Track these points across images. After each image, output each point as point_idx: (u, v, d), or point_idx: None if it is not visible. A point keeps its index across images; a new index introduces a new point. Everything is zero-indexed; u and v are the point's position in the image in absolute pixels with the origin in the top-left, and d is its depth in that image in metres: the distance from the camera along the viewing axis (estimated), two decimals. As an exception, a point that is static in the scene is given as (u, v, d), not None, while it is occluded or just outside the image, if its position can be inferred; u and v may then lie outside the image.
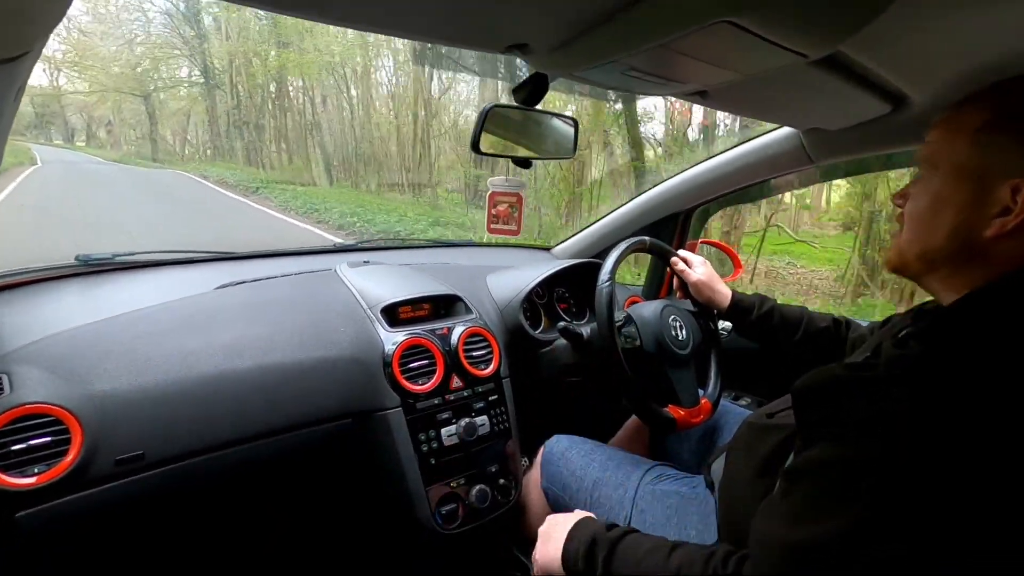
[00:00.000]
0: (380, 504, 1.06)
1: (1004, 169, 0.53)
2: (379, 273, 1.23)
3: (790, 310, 1.07)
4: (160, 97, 17.42)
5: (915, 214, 0.61)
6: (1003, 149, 0.54)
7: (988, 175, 0.54)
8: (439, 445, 1.01)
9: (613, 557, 0.67)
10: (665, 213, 1.51)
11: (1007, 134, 0.54)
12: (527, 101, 0.79)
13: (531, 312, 1.37)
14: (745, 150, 1.30)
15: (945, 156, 0.58)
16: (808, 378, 0.58)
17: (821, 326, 1.03)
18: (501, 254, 1.76)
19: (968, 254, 0.56)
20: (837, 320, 1.04)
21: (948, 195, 0.57)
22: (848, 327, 1.02)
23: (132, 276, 1.15)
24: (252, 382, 0.89)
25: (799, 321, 1.05)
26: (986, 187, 0.54)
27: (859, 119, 0.97)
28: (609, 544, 0.68)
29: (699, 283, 1.11)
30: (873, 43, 0.66)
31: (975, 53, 0.67)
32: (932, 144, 0.60)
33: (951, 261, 0.58)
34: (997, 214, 0.53)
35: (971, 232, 0.55)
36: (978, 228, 0.55)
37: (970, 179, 0.56)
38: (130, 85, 16.66)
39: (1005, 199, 0.53)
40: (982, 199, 0.55)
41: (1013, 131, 0.54)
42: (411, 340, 1.03)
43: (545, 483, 1.07)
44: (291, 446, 0.92)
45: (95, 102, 18.10)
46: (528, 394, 1.23)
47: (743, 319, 1.09)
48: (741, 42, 0.55)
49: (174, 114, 17.70)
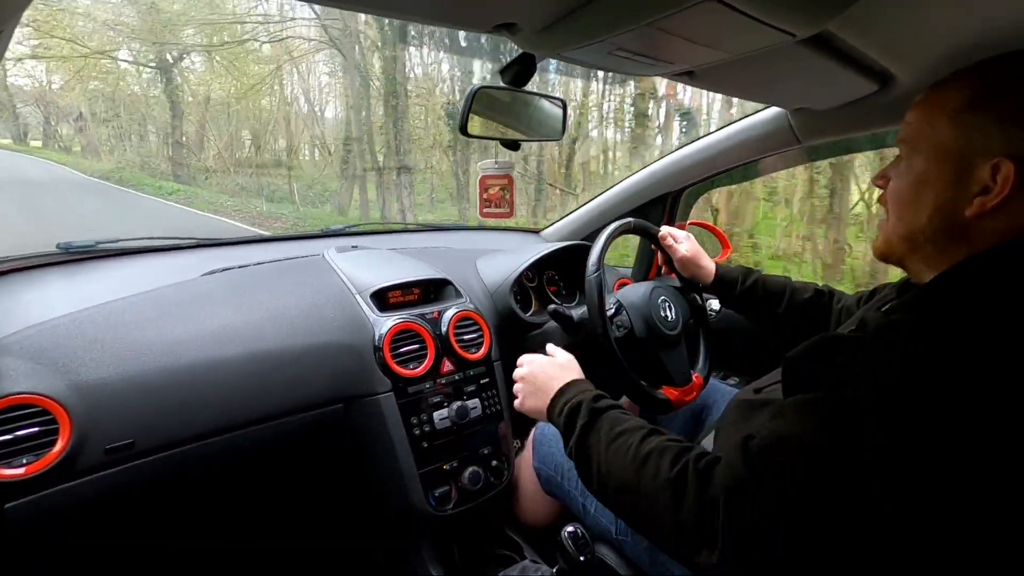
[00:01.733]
0: (373, 488, 1.07)
1: (984, 148, 0.54)
2: (368, 258, 1.22)
3: (774, 281, 1.08)
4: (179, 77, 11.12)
5: (898, 195, 0.62)
6: (982, 128, 0.54)
7: (968, 155, 0.55)
8: (431, 428, 1.02)
9: (591, 427, 0.68)
10: (654, 195, 1.51)
11: (986, 113, 0.54)
12: (515, 82, 0.78)
13: (521, 295, 1.37)
14: (733, 131, 1.30)
15: (926, 137, 0.58)
16: (798, 348, 0.59)
17: (805, 297, 1.04)
18: (491, 237, 1.76)
19: (950, 233, 0.57)
20: (820, 291, 1.04)
21: (930, 175, 0.58)
22: (832, 296, 1.03)
23: (116, 263, 1.13)
24: (241, 369, 0.89)
25: (782, 292, 1.05)
26: (967, 167, 0.55)
27: (846, 99, 0.97)
28: (590, 413, 0.70)
29: (684, 259, 1.11)
30: (859, 22, 0.66)
31: (958, 32, 0.67)
32: (912, 125, 0.61)
33: (933, 240, 0.58)
34: (977, 193, 0.54)
35: (953, 212, 0.56)
36: (959, 207, 0.55)
37: (951, 159, 0.56)
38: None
39: (985, 178, 0.53)
40: (963, 179, 0.55)
41: (992, 110, 0.54)
42: (401, 324, 1.03)
43: (537, 463, 1.08)
44: (282, 432, 0.92)
45: (60, 88, 12.81)
46: None
47: (728, 292, 1.10)
48: (728, 20, 0.55)
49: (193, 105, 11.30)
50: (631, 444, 0.63)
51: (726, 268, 1.11)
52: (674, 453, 0.59)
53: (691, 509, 0.54)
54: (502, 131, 1.10)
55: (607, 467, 0.65)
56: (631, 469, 0.61)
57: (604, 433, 0.67)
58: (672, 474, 0.57)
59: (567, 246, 1.39)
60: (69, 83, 11.89)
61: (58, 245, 1.10)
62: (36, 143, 16.06)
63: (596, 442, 0.67)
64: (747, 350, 1.42)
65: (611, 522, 0.90)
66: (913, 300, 0.59)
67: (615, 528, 0.89)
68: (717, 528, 0.52)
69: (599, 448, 0.66)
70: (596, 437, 0.67)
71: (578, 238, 1.62)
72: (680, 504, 0.55)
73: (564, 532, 0.86)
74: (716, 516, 0.52)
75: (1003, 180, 0.52)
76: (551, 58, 0.74)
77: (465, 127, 1.00)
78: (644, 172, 1.51)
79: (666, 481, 0.57)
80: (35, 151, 14.86)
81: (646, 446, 0.62)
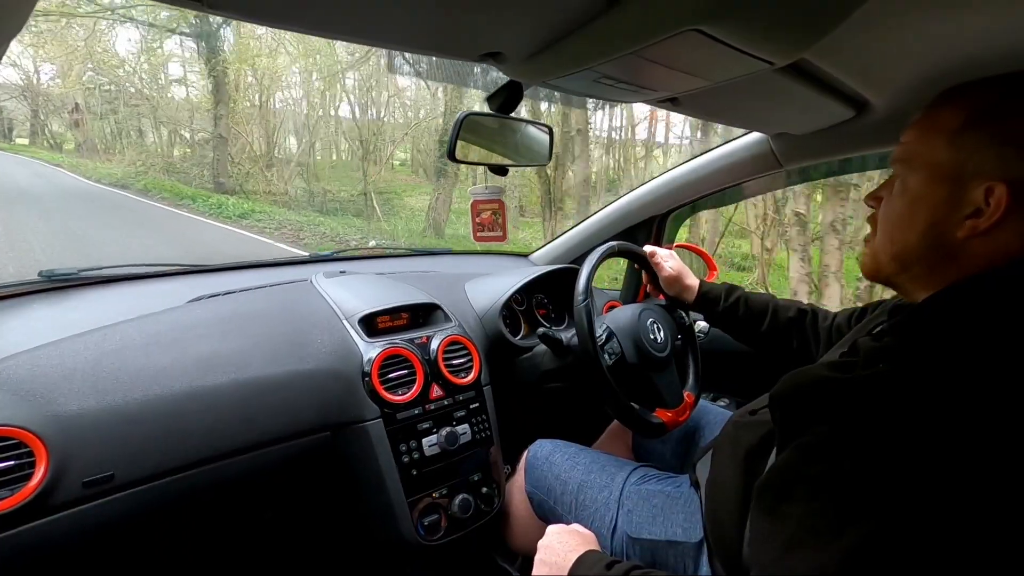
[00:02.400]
0: (361, 517, 1.04)
1: (978, 170, 0.54)
2: (356, 283, 1.22)
3: (756, 299, 1.08)
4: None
5: (890, 214, 0.62)
6: (978, 150, 0.54)
7: (963, 176, 0.55)
8: (420, 455, 1.00)
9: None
10: (640, 218, 1.53)
11: (982, 135, 0.54)
12: (502, 109, 0.79)
13: (510, 319, 1.37)
14: (717, 155, 1.32)
15: (921, 156, 0.58)
16: (785, 383, 0.58)
17: (788, 316, 1.04)
18: (479, 261, 1.76)
19: (940, 254, 0.57)
20: (803, 310, 1.05)
21: (923, 195, 0.58)
22: (816, 316, 1.03)
23: (99, 291, 1.11)
24: (227, 397, 0.87)
25: (765, 310, 1.06)
26: (960, 188, 0.55)
27: (824, 124, 1.00)
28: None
29: (670, 277, 1.12)
30: (835, 51, 0.68)
31: (928, 60, 0.70)
32: (908, 144, 0.61)
33: (923, 261, 0.58)
34: (970, 215, 0.54)
35: (944, 232, 0.56)
36: (951, 229, 0.55)
37: (945, 179, 0.56)
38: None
39: (978, 200, 0.53)
40: (956, 200, 0.55)
41: (988, 131, 0.54)
42: (390, 350, 1.02)
43: (529, 487, 1.07)
44: (268, 461, 0.90)
45: (53, 78, 10.45)
46: (509, 401, 1.22)
47: (711, 310, 1.10)
48: (710, 50, 0.56)
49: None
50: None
51: (710, 286, 1.12)
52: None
53: None
54: (490, 156, 1.12)
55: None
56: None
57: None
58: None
59: (556, 269, 1.40)
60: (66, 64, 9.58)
61: (40, 273, 1.09)
62: (22, 140, 14.20)
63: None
64: (736, 372, 1.43)
65: (606, 546, 0.88)
66: (904, 323, 0.59)
67: (609, 552, 0.88)
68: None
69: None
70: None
71: (566, 261, 1.63)
72: None
73: None
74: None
75: (996, 203, 0.52)
76: (538, 85, 0.75)
77: (453, 152, 1.01)
78: (631, 195, 1.53)
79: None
80: (20, 150, 12.99)
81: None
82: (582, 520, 0.93)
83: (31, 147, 13.63)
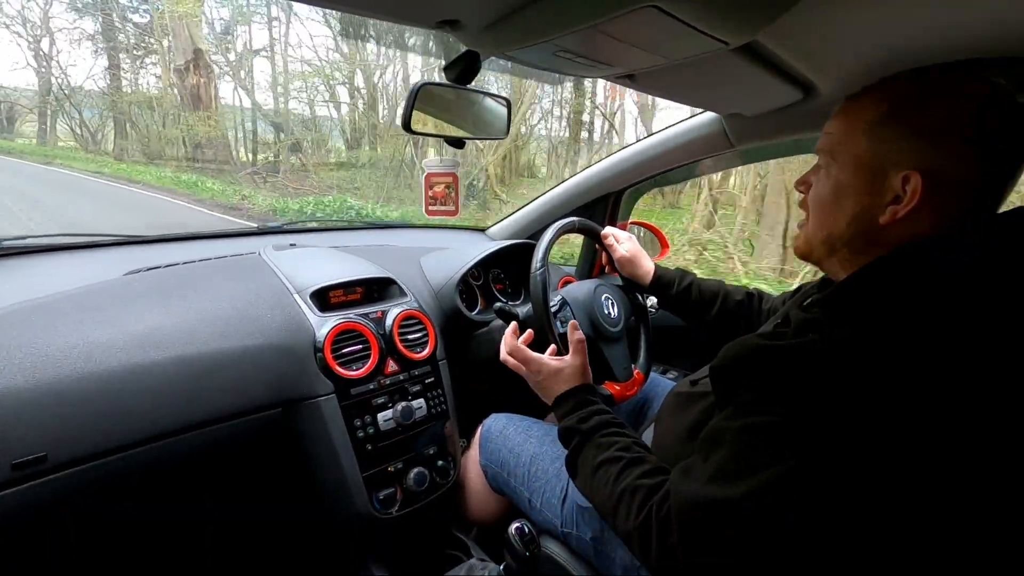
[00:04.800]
0: (316, 493, 1.03)
1: (896, 160, 0.57)
2: (307, 256, 1.18)
3: (707, 285, 1.12)
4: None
5: (818, 201, 0.66)
6: (894, 141, 0.58)
7: (883, 165, 0.58)
8: (375, 430, 1.00)
9: (579, 452, 0.76)
10: (597, 194, 1.54)
11: (898, 127, 0.58)
12: (459, 80, 0.77)
13: (467, 294, 1.37)
14: (671, 133, 1.34)
15: (844, 147, 0.62)
16: (724, 354, 0.62)
17: (736, 300, 1.09)
18: (435, 236, 1.74)
19: (865, 238, 0.61)
20: (750, 294, 1.10)
21: (848, 184, 0.62)
22: (760, 299, 1.09)
23: (24, 263, 1.04)
24: (171, 374, 0.84)
25: (715, 296, 1.10)
26: (881, 177, 0.59)
27: (773, 105, 1.03)
28: (580, 435, 0.77)
29: (623, 259, 1.14)
30: (786, 34, 0.70)
31: (874, 48, 0.72)
32: (831, 135, 0.64)
33: (850, 244, 0.63)
34: (890, 202, 0.58)
35: (869, 218, 0.60)
36: (875, 215, 0.59)
37: (867, 169, 0.60)
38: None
39: (897, 188, 0.57)
40: (878, 188, 0.59)
41: (903, 124, 0.58)
42: (343, 325, 1.00)
43: (484, 461, 1.08)
44: (217, 439, 0.88)
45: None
46: (465, 375, 1.23)
47: (664, 293, 1.14)
48: (666, 27, 0.57)
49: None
50: (609, 479, 0.69)
51: (664, 270, 1.14)
52: (642, 497, 0.64)
53: (657, 550, 0.61)
54: (446, 128, 1.09)
55: (590, 493, 0.73)
56: (608, 505, 0.68)
57: (589, 460, 0.73)
58: (638, 521, 0.63)
59: (513, 244, 1.40)
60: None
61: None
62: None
63: (582, 465, 0.74)
64: (685, 345, 1.48)
65: (556, 516, 0.91)
66: (829, 297, 0.63)
67: (560, 522, 0.90)
68: (679, 561, 0.58)
69: (586, 473, 0.73)
70: (582, 462, 0.74)
71: (524, 236, 1.63)
72: (648, 547, 0.62)
73: (511, 529, 0.87)
74: (675, 555, 0.59)
75: (912, 191, 0.56)
76: (496, 57, 0.74)
77: (408, 123, 0.98)
78: (588, 172, 1.54)
79: (634, 528, 0.63)
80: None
81: (620, 483, 0.67)
82: (535, 491, 0.96)
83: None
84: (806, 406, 0.52)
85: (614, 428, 0.76)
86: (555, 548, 0.91)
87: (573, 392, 0.84)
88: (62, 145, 13.52)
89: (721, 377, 0.62)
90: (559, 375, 0.86)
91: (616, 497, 0.67)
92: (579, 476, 0.75)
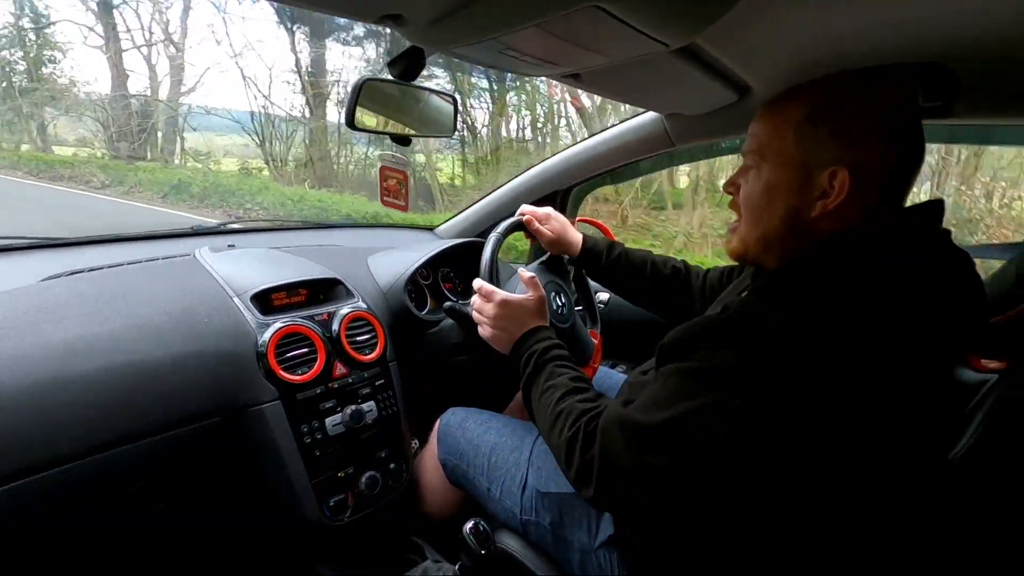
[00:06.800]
0: (264, 502, 1.00)
1: (822, 158, 0.62)
2: (247, 258, 1.13)
3: (636, 254, 1.14)
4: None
5: (751, 201, 0.70)
6: (820, 140, 0.63)
7: (809, 163, 0.63)
8: (324, 436, 0.97)
9: (533, 378, 0.82)
10: (544, 192, 1.55)
11: (822, 127, 0.63)
12: (403, 76, 0.76)
13: (416, 293, 1.35)
14: (615, 133, 1.37)
15: (772, 148, 0.67)
16: (670, 335, 0.66)
17: (665, 271, 1.11)
18: (382, 235, 1.71)
19: (797, 233, 0.66)
20: (677, 267, 1.12)
21: (779, 183, 0.66)
22: (689, 273, 1.12)
23: None
24: (100, 386, 0.78)
25: (644, 265, 1.12)
26: (809, 174, 0.63)
27: (712, 106, 1.07)
28: (535, 364, 0.83)
29: (551, 241, 1.12)
30: (723, 38, 0.73)
31: (806, 51, 0.76)
32: (758, 137, 0.69)
33: (784, 240, 0.67)
34: (819, 197, 0.63)
35: (800, 214, 0.65)
36: (805, 210, 0.64)
37: (795, 168, 0.64)
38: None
39: (824, 184, 0.62)
40: (807, 185, 0.64)
41: (827, 124, 0.62)
42: (288, 328, 0.97)
43: (443, 455, 1.08)
44: (154, 452, 0.83)
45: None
46: (416, 376, 1.21)
47: (594, 264, 1.14)
48: (608, 27, 0.58)
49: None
50: (552, 401, 0.76)
51: (593, 241, 1.14)
52: (575, 416, 0.71)
53: (577, 462, 0.68)
54: (392, 126, 1.08)
55: (536, 415, 0.80)
56: (548, 423, 0.75)
57: (540, 385, 0.80)
58: (568, 435, 0.70)
59: (462, 243, 1.39)
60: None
61: None
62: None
63: (534, 392, 0.81)
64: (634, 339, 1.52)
65: (516, 504, 0.92)
66: (763, 284, 0.68)
67: (520, 509, 0.91)
68: (593, 476, 0.66)
69: (535, 396, 0.80)
70: (535, 388, 0.81)
71: (473, 234, 1.63)
72: (571, 460, 0.69)
73: (465, 528, 0.87)
74: (592, 469, 0.66)
75: (839, 186, 0.61)
76: (441, 53, 0.73)
77: (352, 120, 0.96)
78: (535, 170, 1.55)
79: (564, 440, 0.71)
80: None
81: (560, 405, 0.74)
82: (494, 480, 0.96)
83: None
84: (724, 355, 0.58)
85: (569, 364, 0.83)
86: (511, 542, 0.91)
87: (537, 329, 0.88)
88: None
89: (664, 353, 0.66)
90: (523, 307, 0.89)
91: (554, 415, 0.74)
92: (530, 400, 0.82)
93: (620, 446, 0.63)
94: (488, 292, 0.91)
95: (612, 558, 0.81)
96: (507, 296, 0.90)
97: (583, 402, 0.73)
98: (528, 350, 0.85)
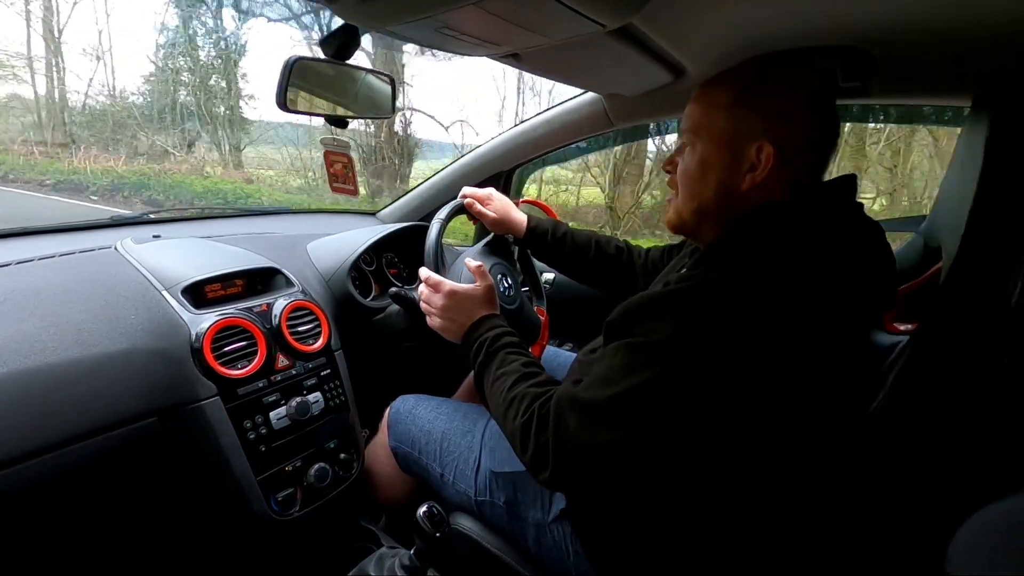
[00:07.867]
0: (208, 502, 0.96)
1: (750, 134, 0.68)
2: (175, 248, 1.07)
3: (580, 235, 1.17)
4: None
5: (687, 176, 0.74)
6: (747, 119, 0.68)
7: (739, 139, 0.68)
8: (268, 430, 0.94)
9: (485, 366, 0.82)
10: (488, 174, 1.55)
11: (749, 106, 0.68)
12: (337, 55, 0.73)
13: (360, 280, 1.32)
14: (557, 113, 1.38)
15: (705, 127, 0.72)
16: (616, 310, 0.69)
17: (609, 251, 1.15)
18: (322, 221, 1.65)
19: (729, 204, 0.71)
20: (620, 247, 1.16)
21: (712, 158, 0.71)
22: (631, 252, 1.16)
23: None
24: (13, 391, 0.72)
25: (588, 245, 1.15)
26: (739, 149, 0.69)
27: (648, 87, 1.09)
28: (487, 353, 0.83)
29: (495, 221, 1.13)
30: (659, 19, 0.74)
31: (735, 34, 0.79)
32: (693, 116, 0.73)
33: (717, 211, 0.72)
34: (748, 170, 0.68)
35: (732, 186, 0.70)
36: (737, 182, 0.69)
37: (727, 144, 0.70)
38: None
39: (753, 157, 0.68)
40: (737, 159, 0.69)
41: (755, 102, 0.68)
42: (224, 321, 0.93)
43: (394, 442, 1.07)
44: (82, 458, 0.77)
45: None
46: (364, 363, 1.19)
47: (539, 244, 1.16)
48: (545, 7, 0.58)
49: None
50: (504, 388, 0.76)
51: (537, 220, 1.15)
52: (528, 401, 0.72)
53: (532, 447, 0.68)
54: (327, 107, 1.03)
55: (490, 403, 0.80)
56: (501, 410, 0.76)
57: (492, 373, 0.80)
58: (522, 420, 0.71)
59: (405, 227, 1.37)
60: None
61: None
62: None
63: (487, 380, 0.81)
64: (579, 318, 1.55)
65: (470, 487, 0.93)
66: (700, 258, 0.72)
67: (474, 491, 0.92)
68: (549, 459, 0.67)
69: (487, 384, 0.80)
70: (487, 375, 0.81)
71: (416, 218, 1.60)
72: (527, 444, 0.69)
73: (419, 512, 0.87)
74: (548, 451, 0.67)
75: (765, 159, 0.67)
76: (376, 31, 0.71)
77: (284, 101, 0.92)
78: (478, 151, 1.54)
79: (518, 426, 0.71)
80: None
81: (513, 391, 0.75)
82: (447, 465, 0.97)
83: None
84: (663, 327, 0.61)
85: (520, 351, 0.84)
86: (466, 523, 0.92)
87: (487, 317, 0.88)
88: None
89: (610, 330, 0.69)
90: (472, 297, 0.89)
91: (507, 402, 0.74)
92: (483, 387, 0.82)
93: (573, 426, 0.65)
94: (436, 283, 0.90)
95: (566, 530, 0.83)
96: (455, 286, 0.89)
97: (535, 387, 0.74)
98: (478, 339, 0.85)
